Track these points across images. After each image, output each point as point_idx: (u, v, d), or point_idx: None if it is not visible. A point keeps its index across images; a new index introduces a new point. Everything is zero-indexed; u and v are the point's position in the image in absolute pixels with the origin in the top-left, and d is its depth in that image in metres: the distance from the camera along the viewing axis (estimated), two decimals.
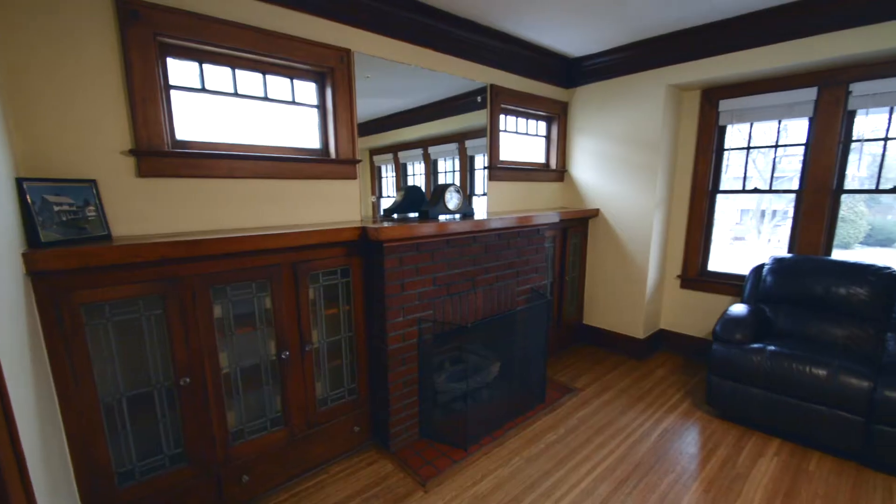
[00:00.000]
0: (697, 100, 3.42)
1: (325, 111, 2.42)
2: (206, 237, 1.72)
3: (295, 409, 2.16)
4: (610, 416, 2.83)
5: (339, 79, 2.37)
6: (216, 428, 1.89)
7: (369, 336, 2.41)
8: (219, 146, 2.09)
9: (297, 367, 2.14)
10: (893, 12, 2.32)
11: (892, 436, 2.13)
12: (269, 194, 2.22)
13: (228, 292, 1.92)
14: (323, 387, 2.32)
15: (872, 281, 2.58)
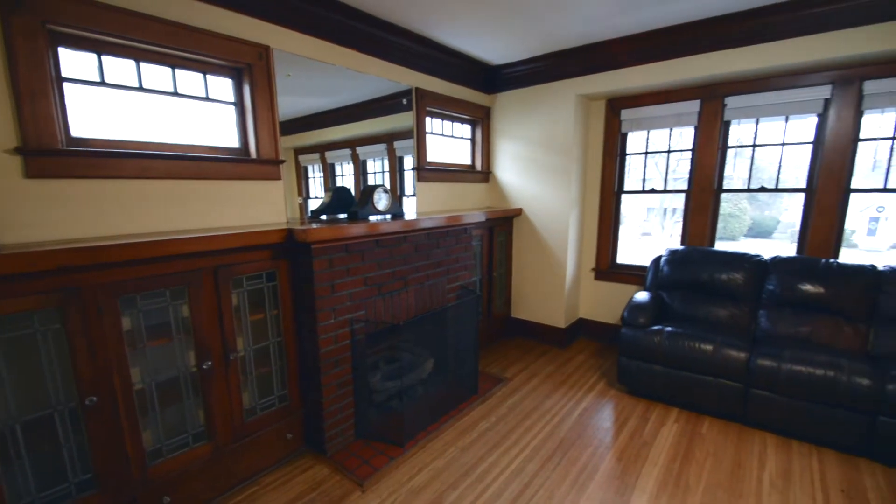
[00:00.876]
0: (603, 109, 3.77)
1: (243, 109, 2.33)
2: (112, 243, 1.59)
3: (220, 421, 2.06)
4: (536, 401, 3.02)
5: (257, 76, 2.30)
6: (130, 448, 1.75)
7: (300, 340, 2.37)
8: (126, 144, 1.93)
9: (220, 377, 2.04)
10: (758, 38, 2.75)
11: (763, 398, 2.53)
12: (185, 196, 2.09)
13: (139, 302, 1.79)
14: (251, 396, 2.23)
15: (747, 267, 3.03)
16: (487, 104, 4.03)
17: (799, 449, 2.44)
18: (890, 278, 2.59)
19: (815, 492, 2.11)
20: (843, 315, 2.69)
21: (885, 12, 2.38)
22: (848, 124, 2.79)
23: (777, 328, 2.82)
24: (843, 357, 2.38)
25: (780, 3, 2.56)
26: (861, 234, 10.63)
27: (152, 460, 1.86)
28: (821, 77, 2.82)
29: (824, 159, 2.90)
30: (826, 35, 2.56)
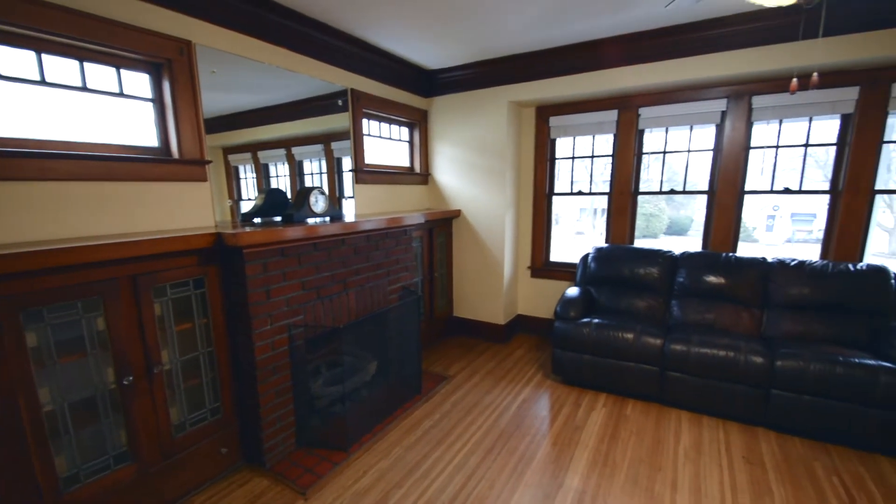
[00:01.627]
0: (534, 115, 3.98)
1: (162, 106, 2.19)
2: (7, 252, 1.44)
3: (145, 439, 1.92)
4: (478, 397, 3.12)
5: (178, 72, 2.17)
6: (41, 476, 1.59)
7: (233, 348, 2.27)
8: (23, 143, 1.75)
9: (144, 392, 1.90)
10: (666, 55, 3.05)
11: (677, 379, 2.80)
12: (97, 199, 1.93)
13: (46, 315, 1.63)
14: (179, 411, 2.10)
15: (660, 262, 3.34)
16: (424, 107, 4.09)
17: (708, 423, 2.74)
18: (777, 269, 2.99)
19: (722, 460, 2.39)
20: (741, 302, 3.05)
21: (765, 37, 2.74)
22: (741, 134, 3.18)
23: (687, 316, 3.14)
24: (741, 339, 2.71)
25: (682, 24, 2.86)
26: (761, 230, 12.01)
27: (68, 486, 1.70)
28: (718, 92, 3.20)
29: (722, 165, 3.29)
30: (721, 54, 2.91)
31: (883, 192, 2.87)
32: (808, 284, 2.83)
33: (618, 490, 2.16)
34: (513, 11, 2.66)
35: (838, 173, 3.00)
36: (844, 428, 2.39)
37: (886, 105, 2.74)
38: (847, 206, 2.95)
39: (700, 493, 2.13)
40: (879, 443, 2.35)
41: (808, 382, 2.43)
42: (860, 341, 2.65)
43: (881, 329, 2.60)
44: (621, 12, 2.69)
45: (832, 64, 2.70)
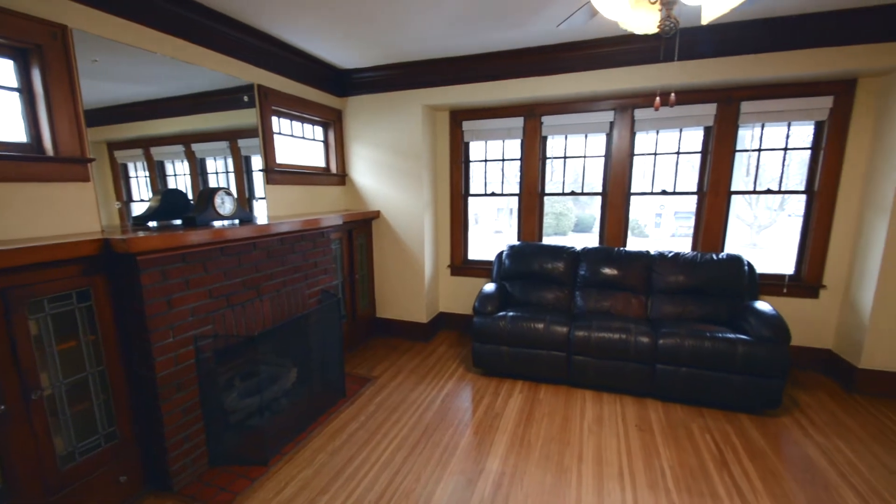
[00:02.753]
0: (447, 119, 4.12)
1: (32, 96, 1.93)
2: None
3: (24, 475, 1.68)
4: (403, 395, 3.17)
5: (52, 59, 1.92)
6: None
7: (129, 366, 2.06)
8: None
9: (20, 421, 1.66)
10: (562, 69, 3.34)
11: (581, 362, 3.10)
12: None
13: None
14: (66, 439, 1.86)
15: (565, 257, 3.66)
16: (339, 107, 4.03)
17: (608, 399, 3.07)
18: (658, 261, 3.43)
19: (619, 430, 2.70)
20: (631, 290, 3.46)
21: (640, 58, 3.14)
22: (626, 142, 3.61)
23: (588, 305, 3.49)
24: (631, 322, 3.08)
25: (576, 41, 3.17)
26: (651, 226, 13.49)
27: None
28: (607, 104, 3.59)
29: (612, 169, 3.70)
30: (607, 71, 3.27)
31: (737, 193, 3.45)
32: (683, 273, 3.30)
33: (533, 467, 2.35)
34: (419, 20, 2.75)
35: (703, 177, 3.54)
36: (714, 393, 2.83)
37: (737, 120, 3.30)
38: (710, 205, 3.50)
39: (602, 462, 2.39)
40: (740, 403, 2.82)
41: (685, 356, 2.84)
42: (723, 318, 3.16)
43: (738, 308, 3.12)
44: (522, 27, 2.90)
45: (690, 84, 3.18)
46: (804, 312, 3.41)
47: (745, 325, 2.90)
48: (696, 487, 2.18)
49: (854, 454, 2.42)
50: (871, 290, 2.99)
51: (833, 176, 3.19)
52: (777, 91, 3.17)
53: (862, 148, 3.10)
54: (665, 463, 2.37)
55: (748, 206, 12.65)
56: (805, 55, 2.84)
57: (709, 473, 2.29)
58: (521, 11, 2.66)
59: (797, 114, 3.15)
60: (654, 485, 2.20)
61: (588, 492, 2.16)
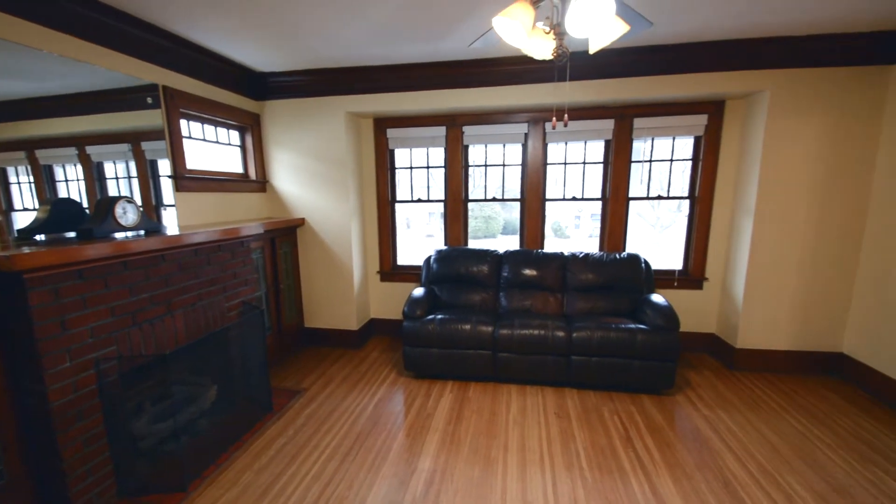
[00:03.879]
0: (372, 126, 4.15)
1: None
2: None
3: None
4: (334, 404, 3.13)
5: None
6: None
7: (18, 395, 1.84)
8: None
9: None
10: (478, 83, 3.53)
11: (506, 358, 3.28)
12: None
13: None
14: None
15: (489, 260, 3.85)
16: (256, 111, 3.89)
17: (531, 391, 3.29)
18: (571, 261, 3.74)
19: (541, 418, 2.90)
20: (548, 289, 3.74)
21: (543, 76, 3.41)
22: (539, 152, 3.90)
23: (511, 304, 3.70)
24: (549, 319, 3.33)
25: (491, 58, 3.37)
26: (571, 228, 14.44)
27: None
28: (522, 117, 3.86)
29: (528, 177, 3.97)
30: (518, 87, 3.50)
31: (634, 199, 3.87)
32: (592, 271, 3.63)
33: (462, 462, 2.46)
34: (340, 28, 2.76)
35: (605, 185, 3.93)
36: (620, 378, 3.16)
37: (631, 134, 3.72)
38: (613, 210, 3.89)
39: (525, 450, 2.57)
40: (642, 385, 3.17)
41: (594, 347, 3.14)
42: (626, 311, 3.53)
43: (638, 301, 3.50)
44: (440, 42, 3.03)
45: (590, 101, 3.52)
46: (692, 302, 3.92)
47: (643, 316, 3.27)
48: (605, 464, 2.43)
49: (733, 422, 2.84)
50: (742, 281, 3.52)
51: (710, 183, 3.71)
52: (663, 109, 3.63)
53: (731, 159, 3.65)
54: (580, 445, 2.61)
55: (651, 208, 14.09)
56: (682, 79, 3.28)
57: (616, 451, 2.55)
58: (438, 28, 2.78)
59: (680, 129, 3.64)
60: (570, 466, 2.42)
61: (512, 479, 2.31)
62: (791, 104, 3.18)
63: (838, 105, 3.13)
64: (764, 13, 2.62)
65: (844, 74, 3.09)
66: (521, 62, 3.34)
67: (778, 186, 3.30)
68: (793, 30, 2.90)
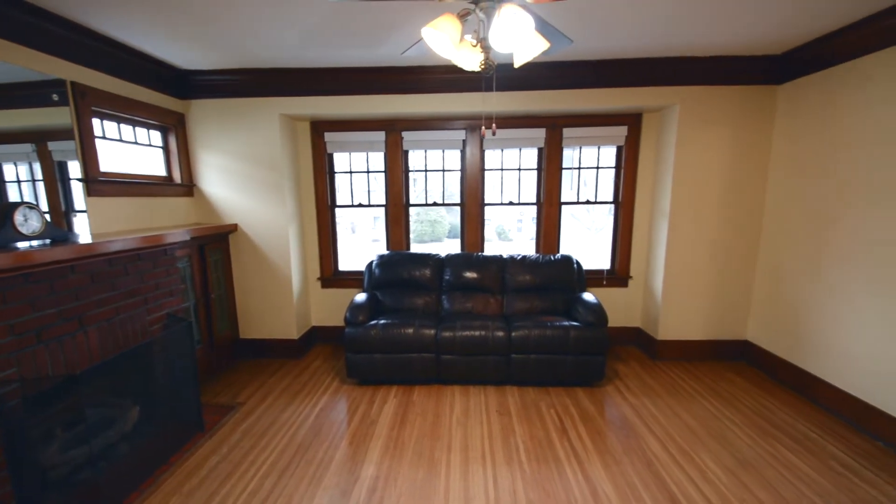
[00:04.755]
0: (308, 129, 4.06)
1: None
2: None
3: None
4: (273, 417, 3.02)
5: None
6: None
7: None
8: None
9: None
10: (416, 90, 3.57)
11: (449, 360, 3.34)
12: None
13: None
14: None
15: (431, 264, 3.90)
16: (181, 110, 3.66)
17: (474, 391, 3.37)
18: (510, 263, 3.89)
19: (483, 417, 2.99)
20: (489, 291, 3.85)
21: (476, 86, 3.52)
22: (477, 158, 4.02)
23: (453, 307, 3.78)
24: (489, 320, 3.44)
25: (427, 66, 3.43)
26: (514, 232, 14.88)
27: None
28: (460, 124, 3.96)
29: (467, 182, 4.08)
30: (454, 95, 3.59)
31: (566, 203, 4.10)
32: (529, 273, 3.80)
33: (406, 466, 2.47)
34: (268, 28, 2.69)
35: (540, 190, 4.13)
36: (556, 373, 3.33)
37: (561, 143, 3.95)
38: (547, 214, 4.10)
39: (468, 448, 2.63)
40: (576, 379, 3.36)
41: (532, 345, 3.28)
42: (561, 310, 3.72)
43: (571, 299, 3.71)
44: (375, 48, 3.04)
45: (522, 111, 3.70)
46: (619, 299, 4.22)
47: (576, 313, 3.48)
48: (542, 455, 2.55)
49: (655, 408, 3.09)
50: (660, 278, 3.84)
51: (631, 189, 4.02)
52: (589, 120, 3.90)
53: (649, 167, 3.98)
54: (519, 439, 2.72)
55: (587, 212, 14.94)
56: (604, 93, 3.54)
57: (552, 442, 2.69)
58: (374, 35, 2.79)
59: (604, 139, 3.92)
60: (510, 460, 2.51)
61: (455, 478, 2.36)
62: (698, 117, 3.53)
63: (737, 118, 3.53)
64: (670, 37, 2.90)
65: (741, 92, 3.49)
66: (455, 71, 3.43)
67: (688, 191, 3.65)
68: (698, 52, 3.23)
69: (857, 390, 2.81)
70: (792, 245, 3.35)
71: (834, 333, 2.97)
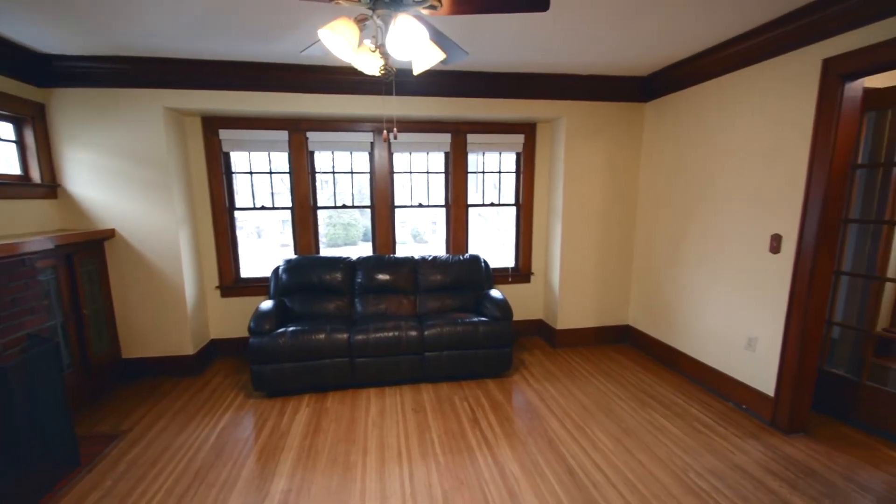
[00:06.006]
0: (200, 126, 3.76)
1: None
2: None
3: None
4: (166, 443, 2.74)
5: None
6: None
7: None
8: None
9: None
10: (323, 89, 3.51)
11: (363, 363, 3.33)
12: None
13: None
14: None
15: (342, 268, 3.84)
16: (40, 100, 3.16)
17: (389, 392, 3.39)
18: (421, 264, 3.98)
19: (398, 416, 3.03)
20: (402, 292, 3.90)
21: (380, 89, 3.57)
22: (386, 161, 4.06)
23: (367, 309, 3.77)
24: (402, 320, 3.49)
25: (334, 66, 3.38)
26: (429, 234, 15.11)
27: None
28: (367, 126, 3.96)
29: (377, 184, 4.10)
30: (357, 97, 3.57)
31: (472, 206, 4.31)
32: (440, 272, 3.93)
33: (319, 474, 2.42)
34: (145, 13, 2.47)
35: (447, 193, 4.29)
36: (468, 367, 3.49)
37: (466, 148, 4.15)
38: (455, 216, 4.28)
39: (384, 448, 2.66)
40: (486, 371, 3.55)
41: (445, 342, 3.41)
42: (471, 306, 3.91)
43: (480, 296, 3.91)
44: (274, 44, 2.92)
45: (426, 116, 3.81)
46: (523, 294, 4.55)
47: (484, 309, 3.68)
48: (456, 447, 2.67)
49: (556, 391, 3.39)
50: (557, 273, 4.22)
51: (530, 192, 4.37)
52: (490, 128, 4.15)
53: (544, 173, 4.35)
54: (434, 434, 2.81)
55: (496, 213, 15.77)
56: (501, 103, 3.80)
57: (465, 432, 2.83)
58: (269, 30, 2.68)
59: (504, 146, 4.21)
60: (426, 455, 2.59)
61: (372, 479, 2.37)
62: (582, 129, 3.96)
63: (614, 130, 4.02)
64: (554, 56, 3.21)
65: (617, 108, 3.98)
66: (359, 73, 3.43)
67: (577, 194, 4.07)
68: (580, 71, 3.62)
69: (711, 361, 3.37)
70: (659, 239, 3.91)
71: (692, 314, 3.54)
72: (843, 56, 2.32)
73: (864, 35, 2.23)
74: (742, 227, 3.04)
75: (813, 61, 2.50)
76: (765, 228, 2.86)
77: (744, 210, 3.02)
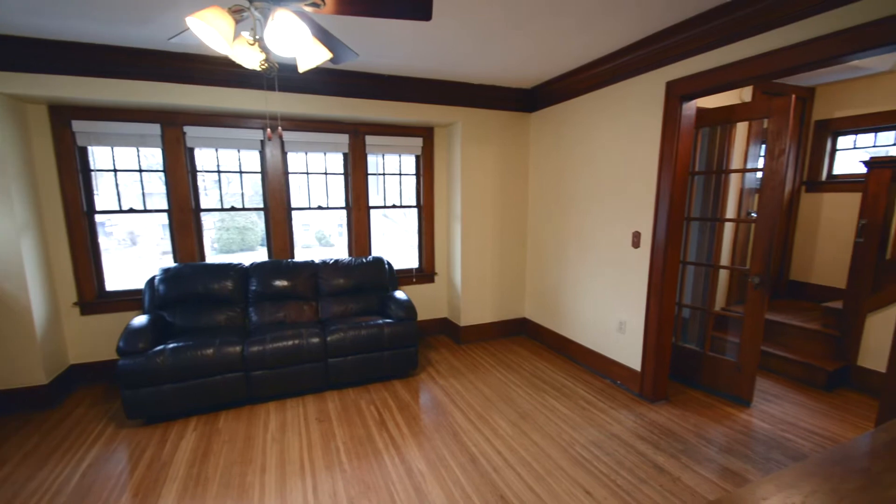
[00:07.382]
0: (46, 115, 3.20)
1: None
2: None
3: None
4: (13, 490, 2.30)
5: None
6: None
7: None
8: None
9: None
10: (206, 81, 3.20)
11: (260, 376, 3.11)
12: None
13: None
14: None
15: (233, 275, 3.55)
16: None
17: (291, 404, 3.22)
18: (322, 268, 3.84)
19: (302, 428, 2.89)
20: (302, 298, 3.73)
21: (261, 83, 3.39)
22: (279, 161, 3.85)
23: (263, 318, 3.53)
24: (303, 327, 3.34)
25: (209, 55, 3.10)
26: (335, 237, 14.62)
27: None
28: (257, 122, 3.71)
29: (270, 185, 3.86)
30: (241, 90, 3.32)
31: (374, 207, 4.28)
32: (343, 276, 3.84)
33: (210, 501, 2.22)
34: None
35: (348, 194, 4.21)
36: (374, 370, 3.46)
37: (365, 149, 4.11)
38: (356, 218, 4.22)
39: (285, 464, 2.52)
40: (393, 372, 3.56)
41: (348, 346, 3.34)
42: (375, 309, 3.88)
43: (384, 298, 3.91)
44: (140, 27, 2.61)
45: (310, 115, 3.66)
46: (427, 294, 4.65)
47: (388, 311, 3.69)
48: (363, 451, 2.64)
49: (461, 385, 3.53)
50: (459, 272, 4.39)
51: (430, 194, 4.48)
52: (389, 130, 4.17)
53: (443, 175, 4.49)
54: (340, 442, 2.75)
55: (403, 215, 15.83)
56: (397, 106, 3.83)
57: (372, 436, 2.81)
58: (130, 10, 2.39)
59: (404, 148, 4.25)
60: (331, 465, 2.52)
61: (271, 499, 2.24)
62: (476, 134, 4.17)
63: (506, 137, 4.30)
64: (448, 64, 3.34)
65: (507, 116, 4.26)
66: (239, 65, 3.20)
67: (473, 196, 4.28)
68: (474, 80, 3.81)
69: (592, 344, 3.78)
70: (547, 237, 4.27)
71: (576, 304, 3.93)
72: (681, 80, 2.78)
73: (699, 62, 2.69)
74: (610, 225, 3.47)
75: (659, 83, 2.94)
76: (628, 226, 3.30)
77: (611, 210, 3.44)
